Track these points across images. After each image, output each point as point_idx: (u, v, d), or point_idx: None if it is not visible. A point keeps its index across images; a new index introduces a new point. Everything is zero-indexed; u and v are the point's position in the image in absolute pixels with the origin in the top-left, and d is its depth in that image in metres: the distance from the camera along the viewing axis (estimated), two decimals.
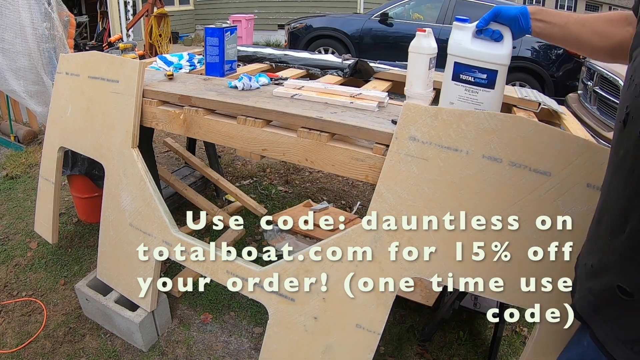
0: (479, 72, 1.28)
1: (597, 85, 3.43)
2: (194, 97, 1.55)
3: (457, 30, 1.29)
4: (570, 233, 1.05)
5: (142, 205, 1.60)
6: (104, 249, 1.76)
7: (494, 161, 1.09)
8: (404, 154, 1.17)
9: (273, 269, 1.37)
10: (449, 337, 1.84)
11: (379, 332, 1.25)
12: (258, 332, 1.81)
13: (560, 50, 5.20)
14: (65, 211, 2.59)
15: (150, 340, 1.73)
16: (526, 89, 1.88)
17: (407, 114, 1.16)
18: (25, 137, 3.56)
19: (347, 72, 2.05)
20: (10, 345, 1.69)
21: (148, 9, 5.97)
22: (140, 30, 8.38)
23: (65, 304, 1.90)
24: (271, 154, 1.44)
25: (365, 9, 8.87)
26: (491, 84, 1.28)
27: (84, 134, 1.76)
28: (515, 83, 5.11)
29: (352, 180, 3.21)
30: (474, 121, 1.10)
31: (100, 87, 1.68)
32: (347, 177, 1.82)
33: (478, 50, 1.26)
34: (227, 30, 1.80)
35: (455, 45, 1.29)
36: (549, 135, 1.05)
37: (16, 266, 2.12)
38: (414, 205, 1.17)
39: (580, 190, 1.03)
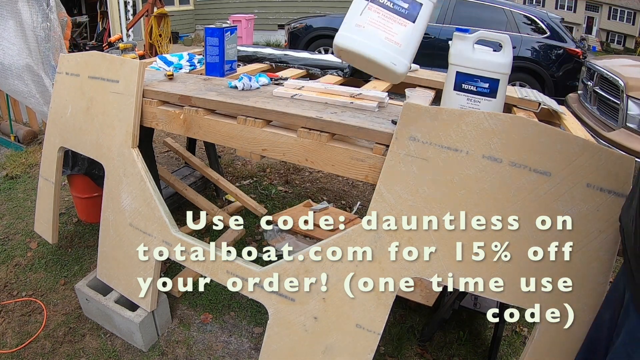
0: (481, 82, 1.28)
1: (597, 85, 3.43)
2: (194, 97, 1.55)
3: (458, 41, 1.30)
4: (570, 233, 1.05)
5: (142, 205, 1.60)
6: (104, 249, 1.76)
7: (494, 161, 1.09)
8: (404, 154, 1.17)
9: (273, 269, 1.37)
10: (449, 337, 1.84)
11: (379, 332, 1.25)
12: (258, 332, 1.81)
13: (561, 50, 5.20)
14: (65, 211, 2.59)
15: (150, 340, 1.73)
16: (526, 89, 1.88)
17: (407, 114, 1.16)
18: (25, 137, 3.56)
19: (347, 72, 2.05)
20: (10, 345, 1.69)
21: (148, 9, 5.97)
22: (140, 30, 8.38)
23: (65, 304, 1.90)
24: (271, 154, 1.44)
25: None
26: (493, 93, 1.29)
27: (84, 134, 1.76)
28: (515, 83, 5.11)
29: (352, 180, 3.21)
30: (474, 121, 1.10)
31: (100, 87, 1.68)
32: (347, 177, 1.82)
33: (480, 60, 1.27)
34: (227, 30, 1.80)
35: (456, 55, 1.30)
36: (549, 135, 1.05)
37: (16, 266, 2.12)
38: (414, 205, 1.17)
39: (580, 190, 1.03)
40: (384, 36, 1.13)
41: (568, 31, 5.49)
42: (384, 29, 1.12)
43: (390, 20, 1.13)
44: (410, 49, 1.17)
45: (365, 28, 1.14)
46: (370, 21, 1.14)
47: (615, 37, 19.54)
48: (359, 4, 1.16)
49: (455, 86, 1.33)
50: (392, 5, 1.13)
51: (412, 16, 1.14)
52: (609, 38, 19.64)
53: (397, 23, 1.13)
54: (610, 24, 19.46)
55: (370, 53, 1.16)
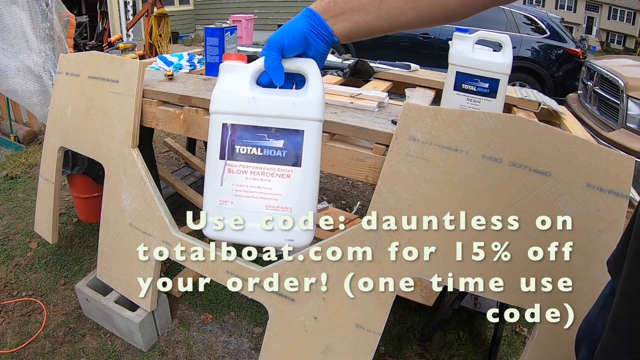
0: (481, 82, 1.28)
1: (597, 85, 3.43)
2: (194, 97, 1.55)
3: (458, 41, 1.30)
4: (570, 233, 1.05)
5: (142, 205, 1.60)
6: (104, 249, 1.76)
7: (494, 161, 1.09)
8: (404, 154, 1.17)
9: (273, 269, 1.37)
10: (449, 337, 1.84)
11: (379, 332, 1.25)
12: (258, 332, 1.81)
13: (561, 50, 5.20)
14: (65, 211, 2.59)
15: (150, 340, 1.73)
16: (526, 89, 1.88)
17: (407, 114, 1.16)
18: (25, 137, 3.56)
19: (347, 72, 2.05)
20: (10, 345, 1.69)
21: (148, 9, 5.97)
22: (140, 30, 8.38)
23: (65, 304, 1.90)
24: None
25: None
26: (493, 93, 1.29)
27: (84, 134, 1.76)
28: (515, 83, 5.11)
29: (352, 180, 3.21)
30: (474, 121, 1.10)
31: (100, 87, 1.68)
32: (347, 177, 1.82)
33: (480, 60, 1.27)
34: (227, 30, 1.80)
35: (456, 55, 1.30)
36: (549, 135, 1.05)
37: (16, 266, 2.12)
38: (414, 205, 1.16)
39: (580, 190, 1.03)
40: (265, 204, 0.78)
41: (568, 31, 5.49)
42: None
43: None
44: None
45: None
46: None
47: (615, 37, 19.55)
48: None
49: (455, 86, 1.33)
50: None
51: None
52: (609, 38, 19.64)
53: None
54: (610, 24, 19.46)
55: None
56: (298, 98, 0.72)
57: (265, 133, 0.73)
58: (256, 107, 0.72)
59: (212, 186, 0.77)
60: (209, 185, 0.77)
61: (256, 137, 0.73)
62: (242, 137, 0.73)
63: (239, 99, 0.72)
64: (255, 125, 0.72)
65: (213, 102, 0.74)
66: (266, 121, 0.72)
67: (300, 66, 0.71)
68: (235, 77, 0.73)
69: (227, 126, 0.73)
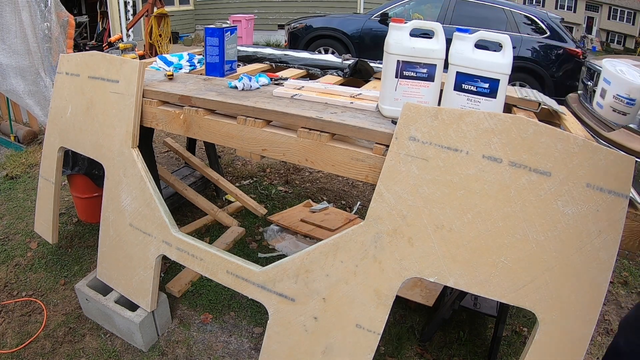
0: (481, 82, 1.28)
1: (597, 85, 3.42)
2: (194, 97, 1.55)
3: (458, 41, 1.30)
4: (570, 233, 1.05)
5: (142, 205, 1.60)
6: (104, 249, 1.76)
7: (494, 161, 1.09)
8: (404, 154, 1.17)
9: (273, 269, 1.37)
10: (449, 337, 1.84)
11: (379, 332, 1.25)
12: (258, 332, 1.81)
13: (561, 50, 5.20)
14: (65, 211, 2.59)
15: (150, 340, 1.73)
16: (526, 89, 1.88)
17: (407, 114, 1.16)
18: (25, 137, 3.56)
19: (347, 72, 2.05)
20: (10, 345, 1.69)
21: (148, 9, 5.97)
22: (140, 30, 8.38)
23: (65, 304, 1.90)
24: (271, 154, 1.44)
25: (365, 9, 8.87)
26: (493, 93, 1.28)
27: (84, 134, 1.76)
28: (515, 83, 5.11)
29: (352, 180, 3.21)
30: (474, 121, 1.10)
31: (100, 87, 1.68)
32: (347, 177, 1.82)
33: (480, 60, 1.27)
34: (227, 30, 1.80)
35: (456, 55, 1.30)
36: (549, 135, 1.05)
37: (16, 266, 2.12)
38: (414, 205, 1.16)
39: (580, 190, 1.03)
40: (416, 101, 1.36)
41: (568, 31, 5.49)
42: (414, 96, 1.37)
43: (416, 87, 1.36)
44: (435, 101, 1.40)
45: (400, 100, 1.36)
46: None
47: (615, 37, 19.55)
48: (391, 82, 1.37)
49: (455, 86, 1.33)
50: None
51: (431, 77, 1.35)
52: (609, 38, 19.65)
53: (422, 87, 1.36)
54: (610, 24, 19.47)
55: None
56: (432, 47, 1.31)
57: (417, 65, 1.33)
58: (413, 50, 1.31)
59: (390, 89, 1.38)
60: (387, 90, 1.39)
61: (412, 67, 1.33)
62: (405, 68, 1.34)
63: (403, 47, 1.32)
64: (410, 61, 1.33)
65: (391, 48, 1.33)
66: (417, 59, 1.32)
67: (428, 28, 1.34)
68: (400, 32, 1.32)
69: (400, 62, 1.33)
